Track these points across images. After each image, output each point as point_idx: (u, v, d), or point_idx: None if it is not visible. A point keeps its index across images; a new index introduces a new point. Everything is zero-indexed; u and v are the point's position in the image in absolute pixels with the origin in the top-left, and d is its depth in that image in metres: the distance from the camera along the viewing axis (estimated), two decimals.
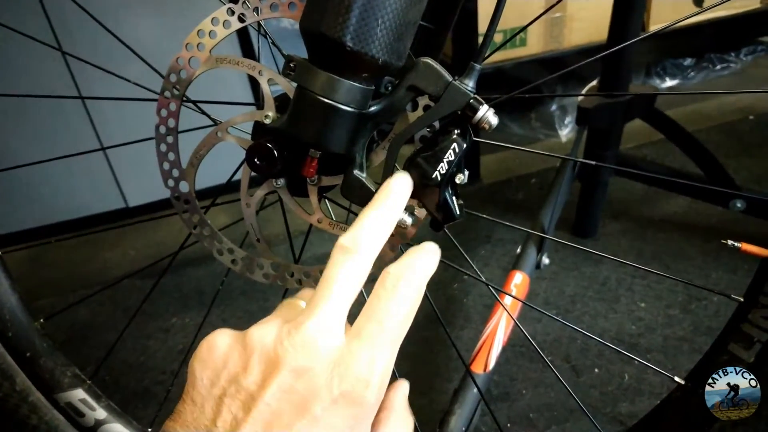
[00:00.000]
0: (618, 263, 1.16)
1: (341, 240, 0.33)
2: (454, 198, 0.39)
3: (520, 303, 0.87)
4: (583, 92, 1.45)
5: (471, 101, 0.37)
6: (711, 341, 0.45)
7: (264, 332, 0.30)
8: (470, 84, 0.37)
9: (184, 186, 0.46)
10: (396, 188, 0.37)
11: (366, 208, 0.35)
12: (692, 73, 2.03)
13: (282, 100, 0.42)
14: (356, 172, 0.40)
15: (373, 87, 0.37)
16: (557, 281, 1.15)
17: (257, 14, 0.41)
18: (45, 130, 1.37)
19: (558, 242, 1.19)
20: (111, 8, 1.26)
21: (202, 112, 0.52)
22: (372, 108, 0.38)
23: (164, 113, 0.44)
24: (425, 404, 0.92)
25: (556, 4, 1.69)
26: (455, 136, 0.37)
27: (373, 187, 0.39)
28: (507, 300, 0.87)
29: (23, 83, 1.31)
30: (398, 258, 0.34)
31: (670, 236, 1.24)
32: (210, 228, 0.47)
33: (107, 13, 0.58)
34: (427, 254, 0.35)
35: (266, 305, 1.18)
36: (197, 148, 0.45)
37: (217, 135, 0.44)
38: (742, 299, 0.43)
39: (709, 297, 1.07)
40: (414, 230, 0.41)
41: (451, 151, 0.36)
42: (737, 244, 0.47)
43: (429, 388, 0.95)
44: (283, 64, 0.37)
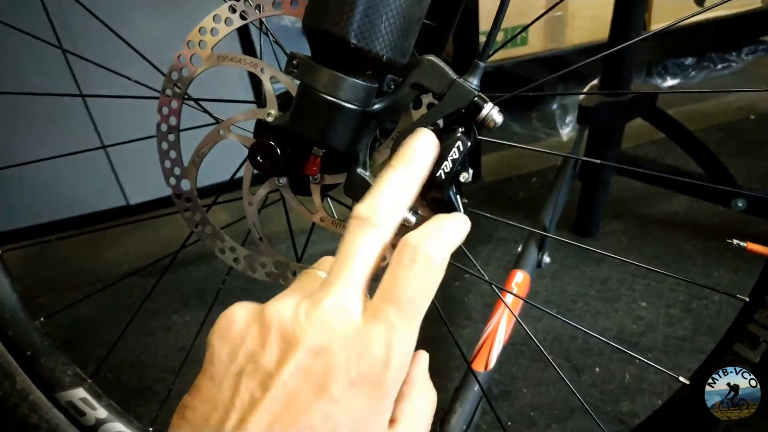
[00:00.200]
0: (619, 262, 1.16)
1: (359, 209, 0.30)
2: (458, 197, 0.39)
3: (522, 301, 0.87)
4: (585, 91, 1.45)
5: (475, 99, 0.37)
6: (712, 341, 0.45)
7: (281, 307, 0.29)
8: (474, 82, 0.37)
9: (186, 184, 0.46)
10: (420, 147, 0.33)
11: (386, 171, 0.32)
12: (693, 73, 2.02)
13: (284, 98, 0.42)
14: (359, 171, 0.39)
15: (377, 85, 0.37)
16: (558, 280, 1.15)
17: (259, 11, 0.41)
18: (46, 129, 1.37)
19: (559, 241, 1.18)
20: (112, 6, 1.24)
21: (204, 110, 0.52)
22: (375, 106, 0.38)
23: (166, 111, 0.44)
24: None
25: (558, 3, 1.68)
26: (459, 135, 0.36)
27: None
28: (508, 298, 0.87)
29: (24, 81, 1.31)
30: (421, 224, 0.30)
31: (672, 235, 1.23)
32: (212, 226, 0.47)
33: (108, 11, 0.58)
34: (454, 222, 0.31)
35: None
36: (199, 147, 0.44)
37: (219, 133, 0.44)
38: (748, 299, 0.43)
39: (711, 296, 1.06)
40: None
41: (456, 150, 0.36)
42: (743, 244, 0.47)
43: None
44: (286, 62, 0.37)
